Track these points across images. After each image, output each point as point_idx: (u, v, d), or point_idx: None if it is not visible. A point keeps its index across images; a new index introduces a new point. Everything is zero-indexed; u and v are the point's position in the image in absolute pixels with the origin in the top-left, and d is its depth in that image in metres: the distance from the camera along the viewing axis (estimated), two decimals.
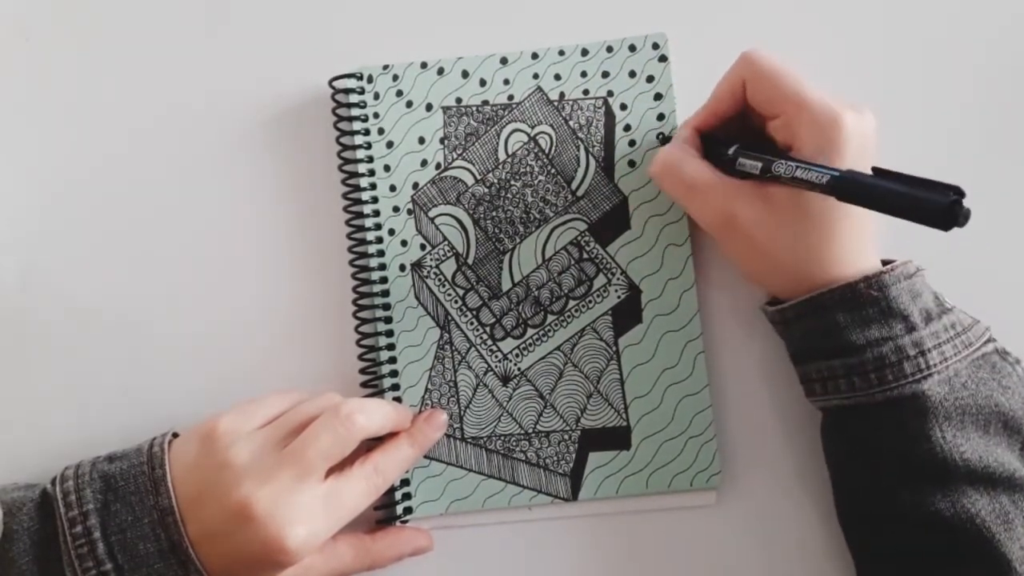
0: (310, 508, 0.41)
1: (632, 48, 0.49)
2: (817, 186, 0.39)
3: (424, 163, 0.49)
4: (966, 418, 0.41)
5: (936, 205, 0.35)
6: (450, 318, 0.49)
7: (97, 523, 0.41)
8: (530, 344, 0.48)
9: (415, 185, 0.49)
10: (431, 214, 0.49)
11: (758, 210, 0.42)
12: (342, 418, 0.42)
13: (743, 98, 0.44)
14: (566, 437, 0.48)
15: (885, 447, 0.42)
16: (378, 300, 0.48)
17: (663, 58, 0.49)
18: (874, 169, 0.40)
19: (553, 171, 0.49)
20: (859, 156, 0.41)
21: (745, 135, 0.45)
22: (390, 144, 0.49)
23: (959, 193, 0.36)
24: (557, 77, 0.49)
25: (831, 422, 0.45)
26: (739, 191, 0.43)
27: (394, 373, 0.48)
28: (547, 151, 0.49)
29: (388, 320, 0.48)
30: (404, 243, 0.49)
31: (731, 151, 0.43)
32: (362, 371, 0.48)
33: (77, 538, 0.41)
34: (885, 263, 0.43)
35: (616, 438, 0.48)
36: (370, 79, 0.49)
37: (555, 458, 0.48)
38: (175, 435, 0.44)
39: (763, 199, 0.42)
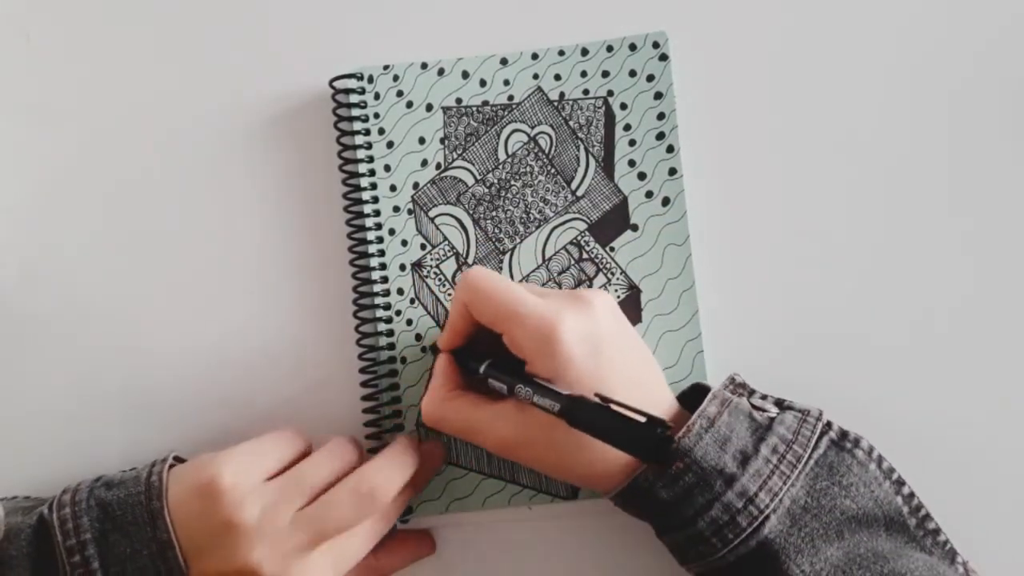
0: (319, 568, 0.41)
1: (632, 47, 0.49)
2: (554, 414, 0.38)
3: (424, 163, 0.49)
4: (817, 541, 0.40)
5: (648, 442, 0.36)
6: None
7: (95, 553, 0.40)
8: None
9: (415, 185, 0.49)
10: (431, 214, 0.49)
11: (529, 431, 0.41)
12: (364, 494, 0.42)
13: (475, 318, 0.43)
14: None
15: None
16: (378, 300, 0.48)
17: (664, 57, 0.49)
18: (599, 396, 0.38)
19: (553, 171, 0.49)
20: (590, 356, 0.40)
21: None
22: (390, 144, 0.49)
23: (665, 427, 0.36)
24: (557, 77, 0.49)
25: None
26: (507, 417, 0.42)
27: (394, 373, 0.48)
28: (547, 151, 0.49)
29: (388, 320, 0.48)
30: (404, 243, 0.49)
31: (481, 370, 0.43)
32: (362, 371, 0.48)
33: (76, 567, 0.40)
34: (695, 391, 0.43)
35: None
36: (370, 79, 0.49)
37: None
38: (176, 458, 0.44)
39: (531, 420, 0.41)
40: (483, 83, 0.49)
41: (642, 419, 0.36)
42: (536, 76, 0.49)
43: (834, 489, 0.41)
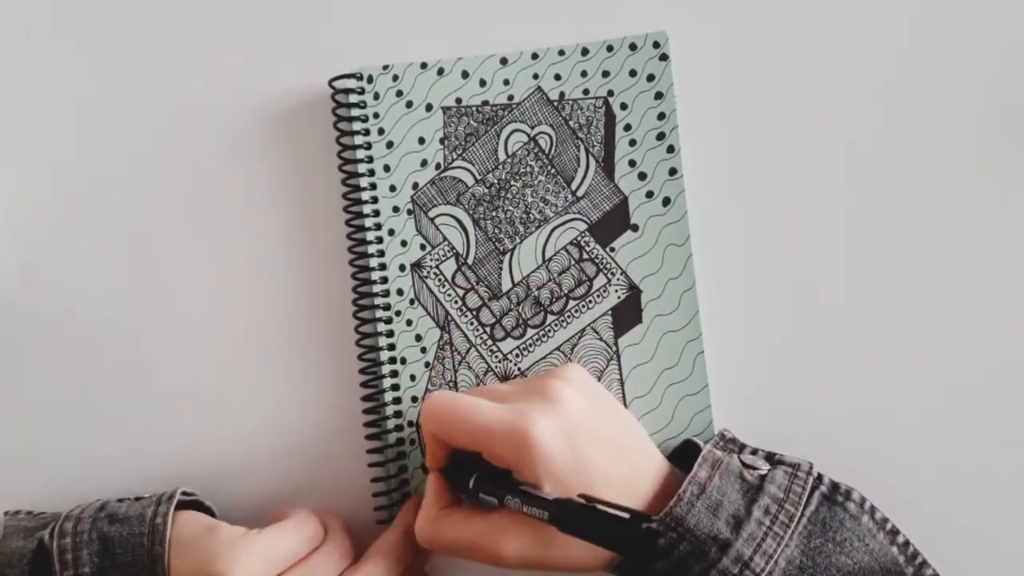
0: None
1: (633, 47, 0.49)
2: (544, 521, 0.38)
3: (424, 163, 0.49)
4: None
5: (634, 539, 0.36)
6: (450, 318, 0.49)
7: None
8: (530, 344, 0.48)
9: (415, 185, 0.49)
10: (431, 214, 0.49)
11: (533, 538, 0.40)
12: None
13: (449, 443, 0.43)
14: None
15: None
16: (378, 300, 0.48)
17: (664, 57, 0.49)
18: (583, 496, 0.38)
19: (553, 171, 0.49)
20: (568, 451, 0.40)
21: None
22: (390, 144, 0.49)
23: (648, 521, 0.36)
24: (557, 77, 0.49)
25: None
26: (502, 528, 0.41)
27: (394, 373, 0.48)
28: (547, 151, 0.49)
29: (388, 320, 0.48)
30: (404, 243, 0.49)
31: (471, 484, 0.42)
32: (362, 371, 0.48)
33: None
34: (687, 448, 0.44)
35: None
36: (370, 79, 0.49)
37: None
38: (185, 494, 0.44)
39: (530, 525, 0.40)
40: (483, 83, 0.49)
41: (626, 515, 0.36)
42: (536, 76, 0.49)
43: (828, 546, 0.41)
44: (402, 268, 0.49)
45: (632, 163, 0.49)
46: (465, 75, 0.49)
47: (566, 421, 0.41)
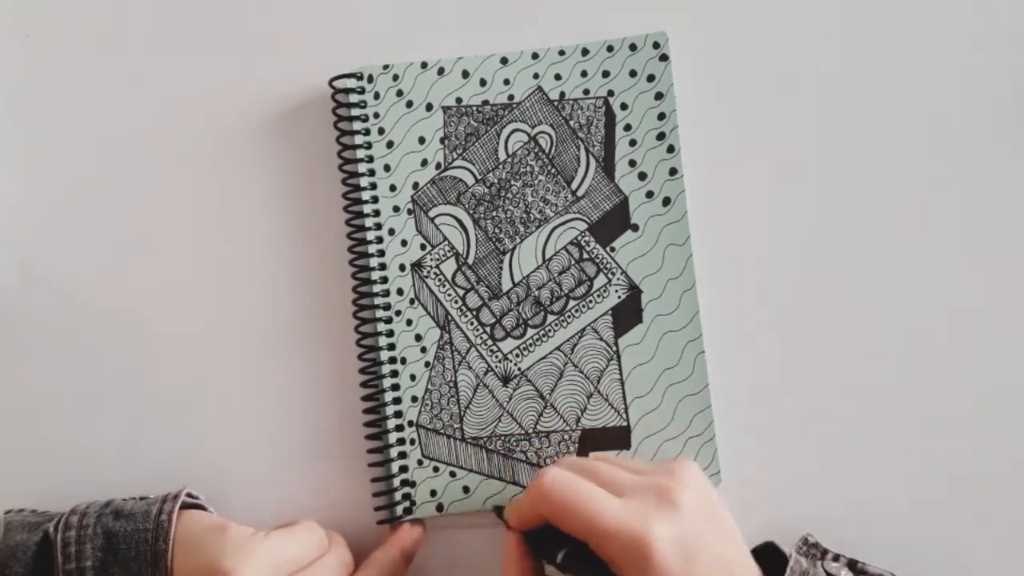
0: None
1: (633, 47, 0.49)
2: None
3: (424, 163, 0.49)
4: None
5: None
6: (450, 318, 0.49)
7: None
8: (530, 344, 0.48)
9: (415, 185, 0.49)
10: (431, 214, 0.49)
11: None
12: None
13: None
14: (566, 437, 0.48)
15: None
16: (378, 300, 0.48)
17: (664, 57, 0.49)
18: None
19: (553, 171, 0.49)
20: (683, 563, 0.38)
21: None
22: (390, 144, 0.49)
23: None
24: (557, 77, 0.49)
25: None
26: None
27: (394, 373, 0.48)
28: (547, 151, 0.49)
29: (388, 320, 0.48)
30: (404, 243, 0.49)
31: (559, 559, 0.41)
32: (362, 371, 0.48)
33: None
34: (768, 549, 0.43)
35: (616, 438, 0.48)
36: (370, 79, 0.49)
37: (555, 458, 0.48)
38: (189, 495, 0.44)
39: None
40: (483, 83, 0.49)
41: None
42: (536, 76, 0.49)
43: None
44: (402, 268, 0.49)
45: (632, 163, 0.49)
46: (465, 75, 0.49)
47: (686, 532, 0.39)
